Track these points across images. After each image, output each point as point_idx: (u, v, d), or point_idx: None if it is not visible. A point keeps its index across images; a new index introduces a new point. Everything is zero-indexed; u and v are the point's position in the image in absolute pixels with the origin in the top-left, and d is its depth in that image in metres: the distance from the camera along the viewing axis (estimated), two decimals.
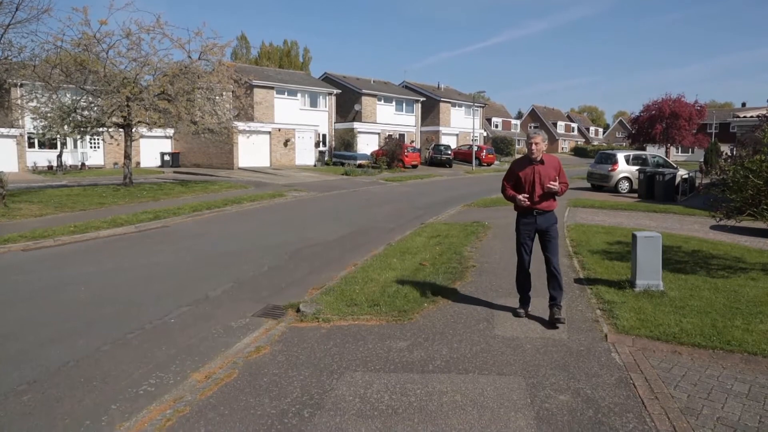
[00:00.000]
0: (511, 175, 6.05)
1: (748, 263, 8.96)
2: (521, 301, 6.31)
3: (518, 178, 5.94)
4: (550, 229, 5.95)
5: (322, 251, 10.63)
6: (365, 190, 24.03)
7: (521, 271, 6.19)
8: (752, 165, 8.04)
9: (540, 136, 5.86)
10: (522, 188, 5.91)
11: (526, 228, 5.99)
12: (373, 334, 5.71)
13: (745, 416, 4.02)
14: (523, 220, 5.99)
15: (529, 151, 5.89)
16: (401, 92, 51.56)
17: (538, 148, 5.82)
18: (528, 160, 5.93)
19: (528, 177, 5.87)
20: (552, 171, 5.85)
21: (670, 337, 5.46)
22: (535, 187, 5.84)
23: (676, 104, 46.94)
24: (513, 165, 6.11)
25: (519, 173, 5.94)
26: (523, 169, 5.92)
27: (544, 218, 5.92)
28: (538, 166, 5.86)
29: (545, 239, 5.97)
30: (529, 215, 5.93)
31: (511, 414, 4.02)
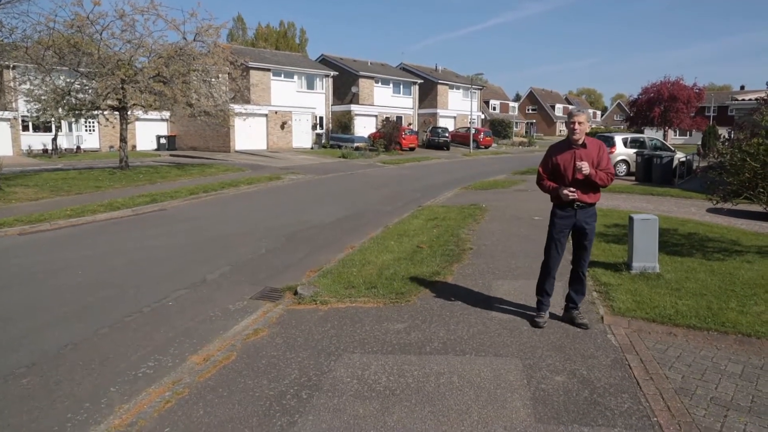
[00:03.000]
0: (548, 162, 5.24)
1: (743, 246, 8.99)
2: (540, 305, 5.49)
3: (556, 165, 5.15)
4: (588, 226, 5.23)
5: (319, 234, 10.63)
6: (362, 173, 23.99)
7: (547, 272, 5.42)
8: (750, 148, 8.04)
9: (584, 115, 5.12)
10: (560, 177, 5.15)
11: (562, 222, 5.24)
12: (371, 316, 5.74)
13: (738, 396, 4.07)
14: (561, 213, 5.24)
15: (571, 132, 5.11)
16: (399, 74, 51.25)
17: (582, 128, 5.07)
18: (567, 144, 5.17)
19: (568, 164, 5.08)
20: (595, 156, 5.08)
21: (666, 318, 5.50)
22: (576, 175, 5.06)
23: (675, 87, 46.70)
24: (550, 150, 5.29)
25: (557, 159, 5.15)
26: (561, 154, 5.15)
27: (584, 212, 5.19)
28: (580, 151, 5.09)
29: (581, 237, 5.29)
30: (568, 208, 5.18)
31: (508, 395, 4.05)
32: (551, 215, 5.35)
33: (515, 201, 14.36)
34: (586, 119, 5.12)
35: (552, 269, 5.40)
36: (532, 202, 14.01)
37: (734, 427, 3.65)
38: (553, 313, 5.70)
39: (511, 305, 6.02)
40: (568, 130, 5.21)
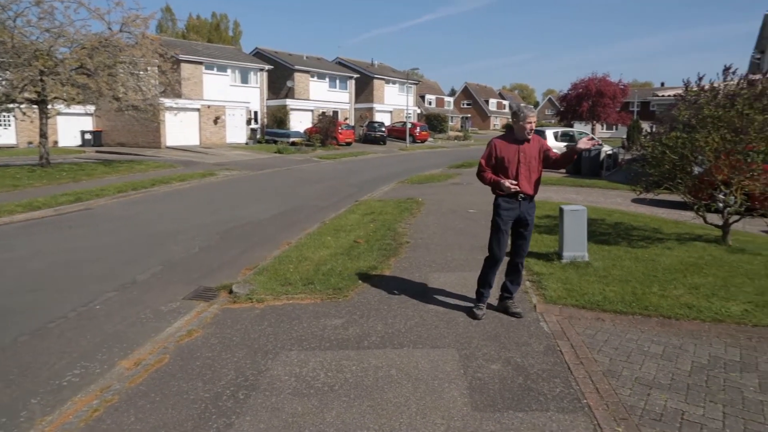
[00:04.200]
0: (492, 155, 5.34)
1: (665, 234, 9.50)
2: (481, 297, 5.59)
3: (501, 159, 5.27)
4: (529, 217, 5.39)
5: (255, 230, 10.45)
6: (299, 168, 23.75)
7: (494, 263, 5.48)
8: (669, 141, 8.48)
9: (535, 115, 5.35)
10: (504, 170, 5.26)
11: (507, 213, 5.31)
12: (308, 312, 5.69)
13: (659, 375, 4.31)
14: (505, 204, 5.30)
15: (522, 129, 5.23)
16: (335, 69, 50.95)
17: (533, 127, 5.25)
18: (513, 140, 5.31)
19: (513, 158, 5.23)
20: (537, 150, 5.30)
21: (594, 305, 5.74)
22: (520, 169, 5.22)
23: (602, 83, 48.75)
24: (493, 144, 5.37)
25: (502, 153, 5.27)
26: (506, 149, 5.28)
27: (527, 204, 5.33)
28: (524, 146, 5.26)
29: (522, 228, 5.40)
30: (512, 200, 5.28)
31: (445, 385, 4.12)
32: (495, 207, 5.39)
33: (451, 194, 14.60)
34: (535, 119, 5.33)
35: (499, 260, 5.46)
36: (467, 195, 14.30)
37: (656, 404, 3.86)
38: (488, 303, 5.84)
39: (448, 297, 6.11)
40: (517, 127, 5.28)
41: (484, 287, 5.58)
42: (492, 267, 5.50)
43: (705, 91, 8.54)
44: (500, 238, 5.40)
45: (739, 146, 8.07)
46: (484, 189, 5.98)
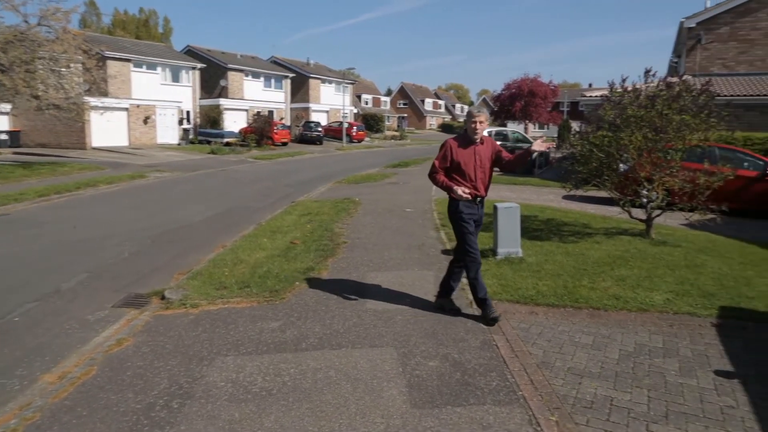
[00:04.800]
0: (447, 157, 5.23)
1: (593, 228, 9.91)
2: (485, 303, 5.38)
3: (457, 162, 5.20)
4: (482, 218, 5.46)
5: (188, 234, 10.15)
6: (233, 169, 23.26)
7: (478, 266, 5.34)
8: (596, 140, 8.84)
9: (485, 114, 5.25)
10: (461, 173, 5.21)
11: (470, 216, 5.27)
12: (245, 316, 5.58)
13: (590, 364, 4.49)
14: (467, 210, 5.26)
15: (473, 131, 5.19)
16: (270, 68, 50.21)
17: (483, 127, 5.20)
18: (467, 142, 5.25)
19: (469, 161, 5.19)
20: (490, 152, 5.31)
21: (528, 299, 5.91)
22: (477, 172, 5.21)
23: (533, 84, 50.25)
24: (449, 146, 5.26)
25: (458, 157, 5.19)
26: (462, 151, 5.21)
27: (482, 205, 5.39)
28: (478, 147, 5.23)
29: (476, 228, 5.41)
30: (472, 204, 5.25)
31: (384, 384, 4.13)
32: (456, 210, 5.27)
33: (388, 194, 14.68)
34: (486, 118, 5.28)
35: (479, 258, 5.34)
36: (403, 194, 14.41)
37: (587, 392, 4.02)
38: (425, 299, 5.92)
39: (385, 296, 6.13)
40: (468, 128, 5.27)
41: (483, 292, 5.34)
42: (478, 269, 5.33)
43: (628, 92, 8.96)
44: (472, 240, 5.30)
45: (660, 144, 8.52)
46: (421, 188, 6.03)
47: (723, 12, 20.07)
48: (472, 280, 5.36)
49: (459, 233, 5.37)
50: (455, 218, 5.33)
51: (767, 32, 19.66)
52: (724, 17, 20.08)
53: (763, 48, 19.77)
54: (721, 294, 6.24)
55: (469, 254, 5.29)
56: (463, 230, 5.31)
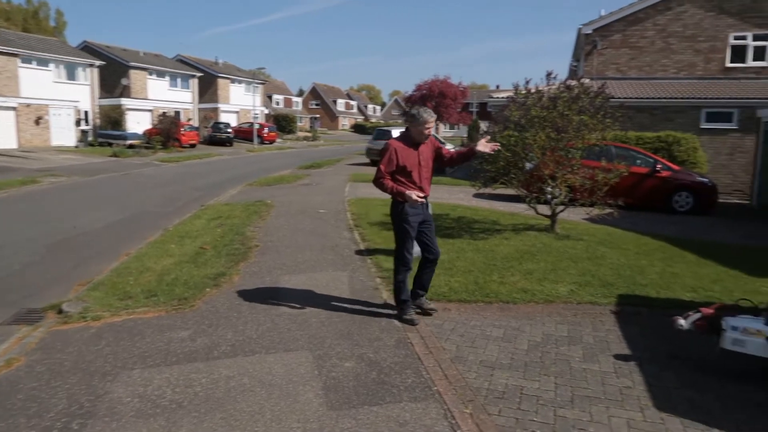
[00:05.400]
0: (392, 161, 5.14)
1: (502, 225, 10.28)
2: (406, 303, 5.40)
3: (402, 166, 5.13)
4: (429, 215, 5.46)
5: (89, 242, 9.55)
6: (138, 173, 22.16)
7: (407, 271, 5.37)
8: (503, 140, 9.17)
9: (434, 118, 5.24)
10: (407, 176, 5.16)
11: (415, 219, 5.23)
12: (152, 327, 5.31)
13: (501, 356, 4.64)
14: (412, 211, 5.20)
15: (419, 134, 5.18)
16: (176, 66, 48.26)
17: (432, 131, 5.26)
18: (412, 143, 5.21)
19: (414, 162, 5.17)
20: (431, 152, 5.34)
21: (441, 296, 6.03)
22: (422, 173, 5.21)
23: (444, 85, 51.60)
24: (393, 149, 5.17)
25: (403, 160, 5.13)
26: (407, 153, 5.17)
27: (428, 205, 5.41)
28: (421, 148, 5.23)
29: (427, 227, 5.40)
30: (418, 205, 5.21)
31: (300, 388, 4.07)
32: (401, 213, 5.22)
33: (301, 195, 14.52)
34: (434, 122, 5.28)
35: (411, 267, 5.39)
36: (316, 196, 14.31)
37: (499, 383, 4.16)
38: (340, 301, 5.88)
39: (300, 299, 6.04)
40: (416, 131, 5.20)
41: (406, 296, 5.41)
42: (406, 273, 5.37)
43: (532, 93, 9.37)
44: (411, 244, 5.32)
45: (561, 144, 8.96)
46: (334, 189, 6.00)
47: (615, 20, 21.47)
48: (399, 283, 5.37)
49: (400, 236, 5.32)
50: (399, 220, 5.27)
51: (653, 41, 21.24)
52: (617, 25, 21.49)
53: (650, 55, 21.33)
54: (619, 283, 6.66)
55: (404, 258, 5.32)
56: (405, 234, 5.27)
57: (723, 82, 20.03)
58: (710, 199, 13.56)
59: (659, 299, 6.18)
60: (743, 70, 20.55)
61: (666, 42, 21.12)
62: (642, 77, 21.20)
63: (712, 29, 20.67)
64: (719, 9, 20.53)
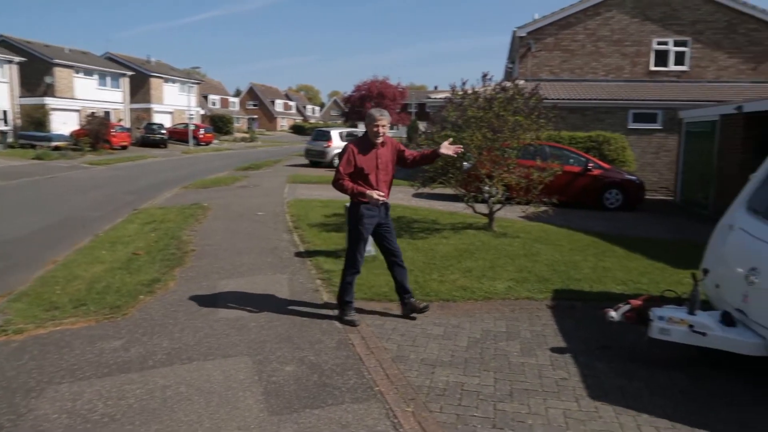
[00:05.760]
0: (350, 162, 5.13)
1: (441, 224, 10.41)
2: (349, 306, 5.38)
3: (360, 167, 5.12)
4: (388, 218, 5.39)
5: (10, 250, 9.00)
6: (65, 176, 21.13)
7: (356, 273, 5.36)
8: (441, 140, 9.27)
9: (387, 118, 5.17)
10: (365, 178, 5.14)
11: (370, 222, 5.20)
12: (81, 337, 5.06)
13: (441, 354, 4.69)
14: (368, 213, 5.17)
15: (375, 135, 5.13)
16: (105, 65, 46.28)
17: (385, 130, 5.15)
18: (369, 145, 5.19)
19: (371, 164, 5.14)
20: (391, 154, 5.28)
21: (382, 296, 6.04)
22: (379, 175, 5.17)
23: (382, 85, 51.96)
24: (351, 150, 5.16)
25: (361, 162, 5.12)
26: (365, 155, 5.14)
27: (386, 208, 5.33)
28: (380, 150, 5.19)
29: (386, 230, 5.36)
30: (374, 207, 5.19)
31: (240, 394, 3.97)
32: (357, 215, 5.20)
33: (238, 198, 14.23)
34: (388, 121, 5.20)
35: (361, 266, 5.37)
36: (255, 198, 14.07)
37: (440, 381, 4.19)
38: (280, 304, 5.79)
39: (239, 303, 5.91)
40: (370, 131, 5.18)
41: (350, 297, 5.39)
42: (355, 275, 5.35)
43: (469, 94, 9.53)
44: (363, 247, 5.30)
45: (497, 143, 9.17)
46: (272, 191, 5.92)
47: (548, 24, 22.21)
48: (346, 284, 5.36)
49: (353, 238, 5.30)
50: (354, 222, 5.25)
51: (584, 44, 22.10)
52: (549, 29, 22.23)
53: (581, 58, 22.18)
54: (554, 278, 6.88)
55: (354, 260, 5.30)
56: (359, 235, 5.24)
57: (648, 85, 21.09)
58: (638, 195, 14.22)
59: (592, 293, 6.42)
60: (666, 73, 21.72)
61: (596, 46, 22.04)
62: (574, 79, 22.01)
63: (637, 34, 21.73)
64: (643, 16, 21.60)
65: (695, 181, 14.88)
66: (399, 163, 5.48)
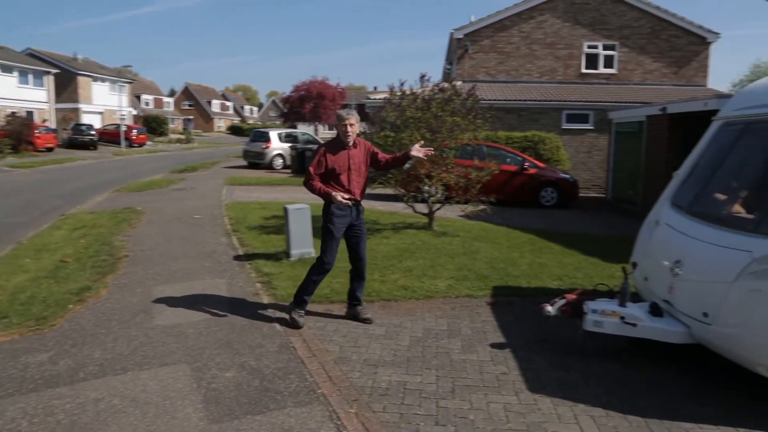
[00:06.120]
0: (321, 163, 5.12)
1: (382, 224, 10.43)
2: (303, 304, 5.36)
3: (332, 168, 5.10)
4: (361, 221, 5.35)
5: None
6: None
7: (323, 272, 5.29)
8: (380, 140, 9.32)
9: (355, 117, 5.19)
10: (336, 179, 5.13)
11: (341, 222, 5.18)
12: (3, 352, 4.75)
13: (384, 353, 4.70)
14: (339, 212, 5.15)
15: (344, 134, 5.13)
16: (26, 61, 43.72)
17: (354, 129, 5.16)
18: (340, 146, 5.19)
19: (343, 165, 5.13)
20: (364, 155, 5.29)
21: (323, 298, 5.98)
22: (351, 176, 5.17)
23: (322, 86, 51.51)
24: (322, 151, 5.16)
25: (332, 162, 5.10)
26: (335, 156, 5.13)
27: (358, 209, 5.30)
28: (352, 151, 5.19)
29: (357, 234, 5.33)
30: (346, 207, 5.16)
31: (178, 403, 3.84)
32: (328, 215, 5.18)
33: (174, 201, 13.80)
34: (356, 120, 5.20)
35: (330, 269, 5.31)
36: (191, 200, 13.69)
37: (383, 380, 4.20)
38: (218, 309, 5.65)
39: (175, 310, 5.72)
40: (340, 132, 5.18)
41: (308, 294, 5.35)
42: (322, 275, 5.30)
43: (407, 95, 9.60)
44: (334, 246, 5.23)
45: (436, 144, 9.26)
46: (210, 193, 5.77)
47: (484, 27, 22.71)
48: (308, 282, 5.31)
49: (325, 238, 5.24)
50: (324, 221, 5.23)
51: (518, 47, 22.72)
52: (486, 31, 22.73)
53: (516, 60, 22.79)
54: (493, 276, 7.02)
55: (325, 260, 5.23)
56: (329, 236, 5.20)
57: (580, 87, 21.91)
58: (572, 193, 14.74)
59: (530, 288, 6.60)
60: (596, 76, 22.62)
61: (530, 48, 22.70)
62: (510, 80, 22.59)
63: (569, 38, 22.54)
64: (575, 20, 22.42)
65: (625, 179, 15.55)
66: (372, 165, 5.48)
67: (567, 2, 22.27)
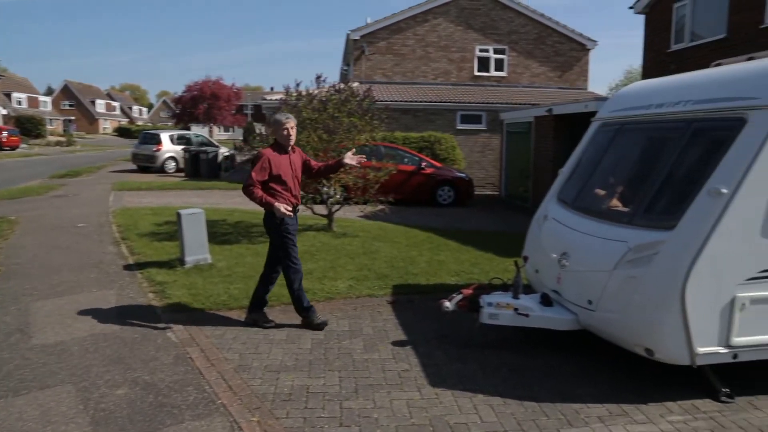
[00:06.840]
0: (265, 169, 4.96)
1: None
2: (311, 308, 5.37)
3: (277, 175, 5.00)
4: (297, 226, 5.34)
5: None
6: None
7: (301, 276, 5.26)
8: None
9: (294, 120, 5.13)
10: (282, 184, 5.04)
11: (294, 226, 5.14)
12: None
13: (285, 358, 4.63)
14: (291, 221, 5.09)
15: (286, 138, 5.06)
16: None
17: (294, 133, 5.12)
18: (282, 150, 5.10)
19: (287, 171, 5.07)
20: (300, 161, 5.29)
21: (221, 305, 5.81)
22: (294, 181, 5.15)
23: (216, 86, 49.83)
24: (267, 157, 5.00)
25: (277, 169, 5.00)
26: (279, 162, 5.03)
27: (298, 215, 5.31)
28: (292, 156, 5.17)
29: None
30: (294, 213, 5.12)
31: (62, 429, 3.55)
32: (281, 224, 5.04)
33: (54, 209, 12.75)
34: (295, 123, 5.16)
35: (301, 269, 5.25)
36: (74, 208, 12.75)
37: (285, 386, 4.14)
38: (107, 323, 5.30)
39: (58, 326, 5.28)
40: (280, 136, 5.08)
41: (306, 300, 5.36)
42: (301, 281, 5.28)
43: (303, 96, 9.52)
44: (296, 250, 5.20)
45: (333, 144, 9.27)
46: (95, 200, 5.41)
47: (380, 28, 23.03)
48: (297, 292, 5.25)
49: (283, 246, 5.14)
50: (279, 231, 5.09)
51: (414, 49, 23.25)
52: (382, 33, 23.05)
53: (412, 62, 23.32)
54: (393, 274, 7.12)
55: (293, 266, 5.17)
56: (287, 243, 5.12)
57: (473, 89, 22.78)
58: (468, 192, 15.28)
59: (429, 285, 6.76)
60: (488, 78, 23.64)
61: (425, 51, 23.31)
62: (406, 82, 23.06)
63: (462, 41, 23.38)
64: (466, 24, 23.29)
65: (516, 177, 16.35)
66: (305, 173, 5.45)
67: (459, 7, 23.09)
